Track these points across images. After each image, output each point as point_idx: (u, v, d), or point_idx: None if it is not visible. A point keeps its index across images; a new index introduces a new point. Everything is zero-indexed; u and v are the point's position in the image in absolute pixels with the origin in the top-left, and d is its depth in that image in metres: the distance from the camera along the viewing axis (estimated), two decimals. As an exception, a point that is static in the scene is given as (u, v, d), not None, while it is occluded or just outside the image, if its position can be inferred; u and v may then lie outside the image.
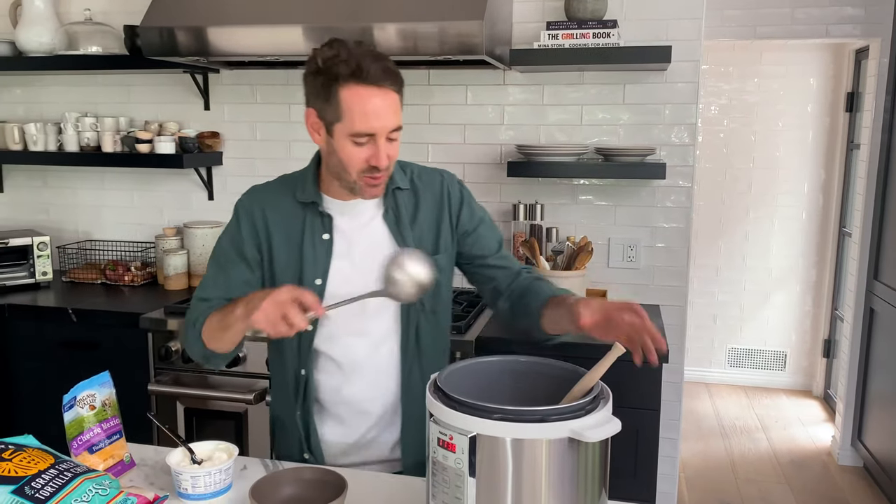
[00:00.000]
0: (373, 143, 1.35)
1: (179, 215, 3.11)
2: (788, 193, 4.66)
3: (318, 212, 1.48)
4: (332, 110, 1.35)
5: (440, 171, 1.59)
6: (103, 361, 2.19)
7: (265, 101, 2.96)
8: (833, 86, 4.49)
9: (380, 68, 1.32)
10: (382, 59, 1.34)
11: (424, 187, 1.54)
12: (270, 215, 1.50)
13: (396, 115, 1.37)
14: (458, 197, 1.56)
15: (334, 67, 1.33)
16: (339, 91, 1.33)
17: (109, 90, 3.11)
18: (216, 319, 1.39)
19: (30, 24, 2.88)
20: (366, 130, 1.33)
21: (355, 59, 1.31)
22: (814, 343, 4.73)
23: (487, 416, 1.01)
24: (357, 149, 1.36)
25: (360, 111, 1.32)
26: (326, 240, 1.47)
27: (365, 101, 1.32)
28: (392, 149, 1.38)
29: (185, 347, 1.52)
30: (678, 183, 2.65)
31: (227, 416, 2.42)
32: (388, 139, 1.37)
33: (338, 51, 1.34)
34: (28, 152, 2.99)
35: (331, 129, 1.38)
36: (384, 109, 1.34)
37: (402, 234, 1.49)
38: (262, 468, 1.44)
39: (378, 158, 1.35)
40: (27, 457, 1.15)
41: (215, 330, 1.40)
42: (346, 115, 1.33)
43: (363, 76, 1.31)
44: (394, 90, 1.35)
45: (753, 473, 3.64)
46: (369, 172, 1.38)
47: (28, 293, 2.81)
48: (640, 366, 1.27)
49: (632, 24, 2.58)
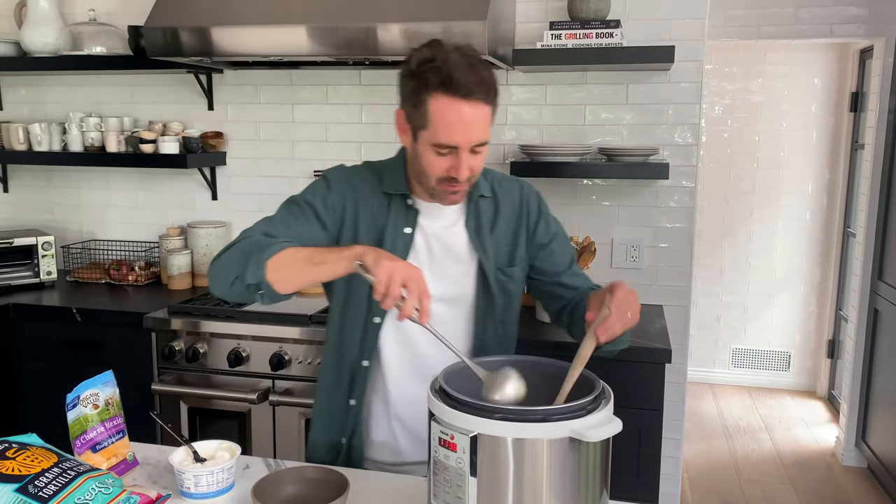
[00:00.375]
0: (455, 154, 1.33)
1: (183, 215, 3.12)
2: (792, 193, 4.65)
3: (406, 205, 1.47)
4: (419, 116, 1.33)
5: (520, 181, 1.58)
6: (107, 361, 2.20)
7: (269, 102, 2.96)
8: (837, 86, 4.48)
9: (473, 80, 1.28)
10: (477, 70, 1.30)
11: (504, 196, 1.53)
12: (361, 198, 1.48)
13: (483, 129, 1.33)
14: (535, 209, 1.55)
15: (425, 73, 1.30)
16: (427, 99, 1.30)
17: (114, 90, 3.12)
18: (309, 252, 1.33)
19: (34, 25, 2.89)
20: (449, 143, 1.31)
21: (448, 67, 1.27)
22: (818, 343, 4.72)
23: (488, 415, 1.01)
24: (439, 158, 1.34)
25: (445, 123, 1.30)
26: (408, 234, 1.47)
27: (451, 114, 1.29)
28: (476, 161, 1.36)
29: (224, 272, 1.37)
30: (681, 183, 2.65)
31: (230, 416, 2.43)
32: (472, 152, 1.34)
33: (434, 55, 1.30)
34: (33, 152, 3.00)
35: (416, 134, 1.36)
36: (471, 123, 1.30)
37: (481, 243, 1.49)
38: (265, 467, 1.44)
39: (458, 171, 1.34)
40: (31, 455, 1.16)
41: (299, 261, 1.32)
42: (432, 125, 1.31)
43: (453, 87, 1.27)
44: (485, 103, 1.31)
45: (757, 474, 3.63)
46: (448, 182, 1.36)
47: (32, 293, 2.82)
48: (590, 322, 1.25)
49: (635, 23, 2.57)
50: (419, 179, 1.42)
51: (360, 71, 2.84)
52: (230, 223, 3.05)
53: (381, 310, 1.45)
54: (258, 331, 2.38)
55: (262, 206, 2.99)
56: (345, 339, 1.52)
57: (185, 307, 2.50)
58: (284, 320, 2.38)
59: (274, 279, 1.31)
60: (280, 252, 1.32)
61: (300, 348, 2.35)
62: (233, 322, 2.41)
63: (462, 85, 1.27)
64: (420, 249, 1.48)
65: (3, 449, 1.16)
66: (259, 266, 1.31)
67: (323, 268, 1.29)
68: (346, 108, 2.89)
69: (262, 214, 1.48)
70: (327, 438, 1.57)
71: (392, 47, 2.29)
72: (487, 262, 1.49)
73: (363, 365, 1.50)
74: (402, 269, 1.20)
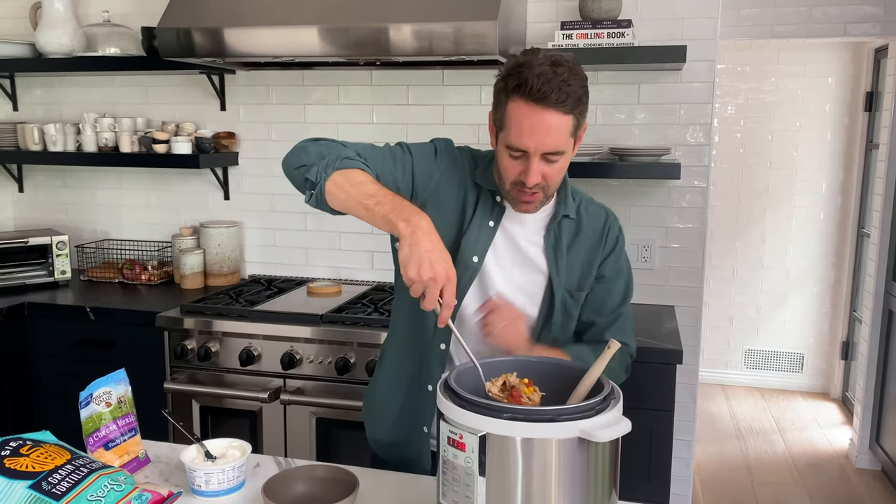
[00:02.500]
0: (526, 158, 1.34)
1: (196, 215, 3.14)
2: (806, 194, 4.61)
3: (494, 201, 1.48)
4: (500, 118, 1.37)
5: (606, 210, 1.57)
6: (120, 359, 2.22)
7: (281, 102, 2.98)
8: (852, 85, 4.44)
9: (551, 88, 1.28)
10: (561, 80, 1.29)
11: (588, 221, 1.53)
12: (455, 179, 1.49)
13: (557, 139, 1.32)
14: (613, 241, 1.55)
15: (510, 77, 1.32)
16: (507, 101, 1.33)
17: (127, 91, 3.15)
18: (371, 189, 1.32)
19: (49, 26, 2.92)
20: (518, 146, 1.33)
21: (529, 73, 1.29)
22: (831, 345, 4.68)
23: (497, 415, 1.01)
24: (511, 161, 1.36)
25: (517, 126, 1.32)
26: (491, 227, 1.48)
27: (523, 118, 1.31)
28: (550, 170, 1.35)
29: (299, 155, 1.40)
30: (693, 183, 2.63)
31: (241, 415, 2.44)
32: (546, 160, 1.34)
33: (524, 60, 1.32)
34: (47, 152, 3.03)
35: (498, 135, 1.39)
36: (542, 130, 1.31)
37: (556, 260, 1.49)
38: (275, 466, 1.45)
39: (527, 176, 1.34)
40: (44, 452, 1.17)
41: (357, 192, 1.31)
42: (507, 127, 1.34)
43: (528, 92, 1.29)
44: (563, 112, 1.30)
45: (769, 476, 3.61)
46: (519, 186, 1.37)
47: (47, 292, 2.84)
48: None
49: (646, 23, 2.57)
50: (499, 182, 1.44)
51: (371, 71, 2.85)
52: (242, 223, 3.07)
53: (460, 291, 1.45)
54: (270, 330, 2.39)
55: (273, 206, 3.01)
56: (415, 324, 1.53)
57: (197, 306, 2.52)
58: (296, 320, 2.39)
59: (330, 189, 1.34)
60: (352, 170, 1.35)
61: (311, 348, 2.36)
62: (245, 321, 2.42)
63: (537, 90, 1.28)
64: (496, 246, 1.49)
65: (17, 446, 1.17)
66: (326, 170, 1.35)
67: (368, 214, 1.30)
68: (358, 108, 2.90)
69: (274, 214, 1.49)
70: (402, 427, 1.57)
71: (403, 48, 2.29)
72: (557, 280, 1.49)
73: (440, 349, 1.50)
74: (427, 270, 1.20)
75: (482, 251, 1.46)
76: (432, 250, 1.21)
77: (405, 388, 1.56)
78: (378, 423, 1.62)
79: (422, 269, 1.19)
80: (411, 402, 1.55)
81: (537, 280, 1.49)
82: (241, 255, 3.08)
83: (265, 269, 3.10)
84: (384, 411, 1.60)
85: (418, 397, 1.54)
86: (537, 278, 1.49)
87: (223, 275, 2.95)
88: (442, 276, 1.20)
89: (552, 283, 1.48)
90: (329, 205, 1.36)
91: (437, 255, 1.21)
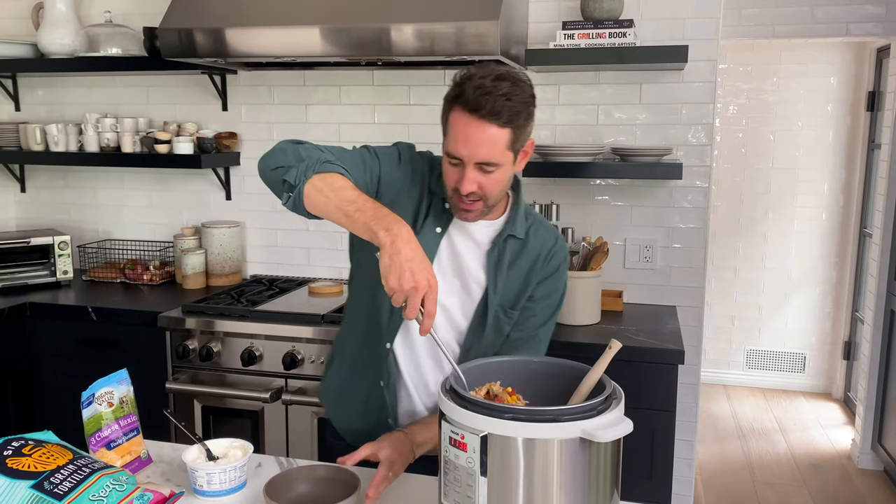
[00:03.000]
0: (462, 167, 1.38)
1: (197, 215, 3.14)
2: (808, 194, 4.61)
3: (444, 208, 1.50)
4: (444, 125, 1.41)
5: (556, 235, 1.58)
6: (122, 359, 2.22)
7: (282, 102, 2.98)
8: (854, 85, 4.44)
9: (486, 101, 1.31)
10: (499, 95, 1.32)
11: (535, 242, 1.54)
12: (413, 184, 1.51)
13: (489, 149, 1.35)
14: (554, 267, 1.55)
15: (453, 88, 1.38)
16: (449, 110, 1.38)
17: (129, 91, 3.15)
18: (350, 196, 1.30)
19: (51, 27, 2.92)
20: (454, 154, 1.37)
21: (469, 85, 1.33)
22: (834, 345, 4.68)
23: (499, 415, 1.01)
24: (451, 168, 1.40)
25: (453, 134, 1.37)
26: (438, 233, 1.50)
27: (459, 127, 1.35)
28: (486, 180, 1.38)
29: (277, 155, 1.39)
30: (695, 183, 2.63)
31: (243, 415, 2.44)
32: (481, 170, 1.37)
33: (471, 74, 1.36)
34: (49, 153, 3.03)
35: (443, 142, 1.42)
36: (475, 140, 1.34)
37: (496, 277, 1.50)
38: (277, 466, 1.45)
39: (462, 183, 1.37)
40: (46, 452, 1.17)
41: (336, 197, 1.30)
42: (447, 134, 1.39)
43: (465, 102, 1.34)
44: (497, 125, 1.33)
45: (771, 476, 3.61)
46: (457, 195, 1.40)
47: (49, 292, 2.85)
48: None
49: (648, 23, 2.57)
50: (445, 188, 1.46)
51: (372, 71, 2.85)
52: (244, 223, 3.07)
53: None
54: (271, 330, 2.39)
55: (275, 206, 3.01)
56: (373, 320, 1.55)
57: (199, 306, 2.52)
58: (297, 320, 2.39)
59: (309, 193, 1.32)
60: (332, 175, 1.34)
61: (313, 348, 2.36)
62: (246, 321, 2.42)
63: (472, 102, 1.32)
64: (443, 254, 1.51)
65: (20, 446, 1.17)
66: (306, 173, 1.33)
67: (347, 220, 1.28)
68: (359, 108, 2.90)
69: (276, 214, 1.50)
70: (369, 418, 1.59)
71: (405, 48, 2.29)
72: (494, 297, 1.51)
73: (386, 347, 1.53)
74: (408, 280, 1.18)
75: (429, 256, 1.45)
76: (412, 259, 1.19)
77: (368, 385, 1.58)
78: (346, 411, 1.64)
79: (403, 279, 1.18)
80: (374, 396, 1.57)
81: (475, 292, 1.51)
82: (243, 255, 3.09)
83: (267, 269, 3.10)
84: (350, 401, 1.62)
85: (379, 394, 1.56)
86: (475, 290, 1.51)
87: (225, 275, 2.95)
88: (423, 285, 1.19)
89: (488, 297, 1.50)
90: (306, 208, 1.34)
91: (418, 264, 1.20)
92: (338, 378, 1.67)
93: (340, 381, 1.66)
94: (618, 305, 2.61)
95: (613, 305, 2.60)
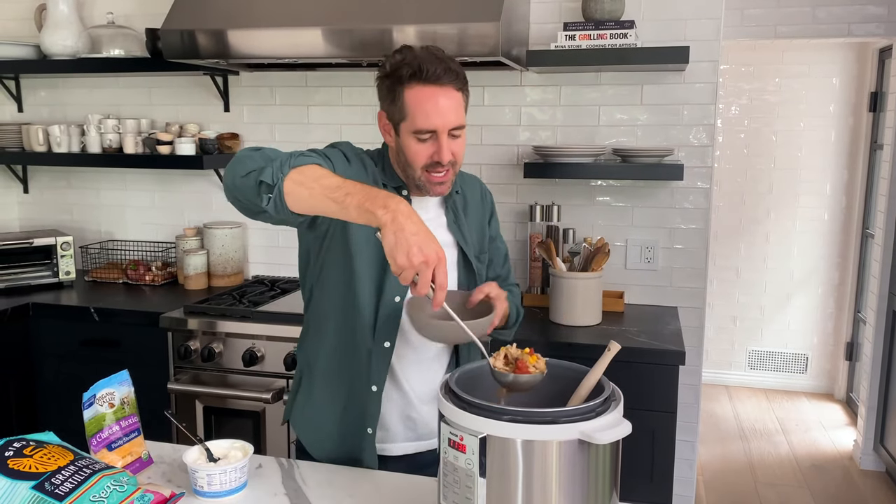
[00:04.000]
0: (435, 139, 1.42)
1: (199, 216, 3.15)
2: (810, 194, 4.60)
3: (400, 194, 1.46)
4: (398, 110, 1.43)
5: (474, 177, 1.72)
6: (124, 360, 2.23)
7: (284, 103, 2.98)
8: (856, 85, 4.43)
9: (441, 68, 1.40)
10: (445, 61, 1.42)
11: (468, 190, 1.65)
12: (368, 179, 1.49)
13: (457, 113, 1.43)
14: (490, 203, 1.71)
15: (399, 70, 1.41)
16: (403, 91, 1.41)
17: (131, 92, 3.16)
18: (336, 182, 1.23)
19: (54, 28, 2.93)
20: (427, 127, 1.41)
21: (417, 61, 1.40)
22: (836, 346, 4.67)
23: (498, 417, 1.01)
24: (421, 146, 1.43)
25: (421, 110, 1.40)
26: None
27: (425, 100, 1.40)
28: (456, 146, 1.45)
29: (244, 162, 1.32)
30: (696, 184, 2.63)
31: (244, 415, 2.45)
32: (451, 136, 1.43)
33: (404, 55, 1.42)
34: (52, 153, 3.04)
35: (398, 128, 1.45)
36: (445, 107, 1.41)
37: (461, 231, 1.58)
38: (278, 466, 1.45)
39: (440, 154, 1.42)
40: (47, 453, 1.18)
41: (321, 186, 1.23)
42: (410, 114, 1.41)
43: (423, 76, 1.39)
44: (455, 88, 1.43)
45: (773, 477, 3.60)
46: (433, 168, 1.45)
47: (51, 292, 2.86)
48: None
49: (649, 24, 2.57)
50: (406, 174, 1.49)
51: (374, 72, 2.84)
52: (246, 224, 3.07)
53: (403, 288, 1.47)
54: (273, 331, 2.39)
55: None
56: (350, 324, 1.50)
57: (200, 307, 2.53)
58: (299, 320, 2.36)
59: (290, 189, 1.24)
60: (308, 167, 1.27)
61: (314, 348, 2.37)
62: (248, 322, 2.43)
63: (431, 73, 1.39)
64: None
65: (21, 447, 1.18)
66: (282, 169, 1.26)
67: (339, 207, 1.21)
68: (361, 109, 2.90)
69: (277, 214, 1.48)
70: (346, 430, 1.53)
71: (406, 49, 2.29)
72: (468, 247, 1.58)
73: (385, 346, 1.49)
74: (417, 254, 1.14)
75: None
76: (417, 233, 1.15)
77: (345, 393, 1.53)
78: (319, 432, 1.57)
79: (412, 254, 1.13)
80: (353, 405, 1.52)
81: (451, 256, 1.55)
82: (245, 255, 3.09)
83: (268, 269, 3.10)
84: (323, 419, 1.56)
85: (361, 400, 1.51)
86: (451, 254, 1.55)
87: (227, 275, 2.95)
88: (433, 258, 1.15)
89: (463, 250, 1.57)
90: (290, 207, 1.26)
91: (424, 236, 1.16)
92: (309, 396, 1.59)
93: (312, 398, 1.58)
94: (619, 306, 2.62)
95: (614, 306, 2.60)
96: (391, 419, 1.55)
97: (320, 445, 1.58)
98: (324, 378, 1.57)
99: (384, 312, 1.49)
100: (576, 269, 2.49)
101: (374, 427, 1.51)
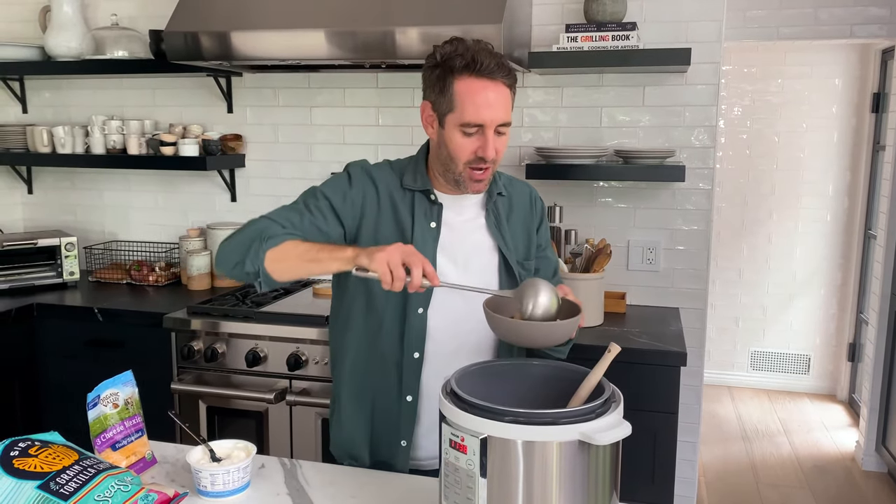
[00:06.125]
0: (481, 134, 1.41)
1: (203, 217, 3.16)
2: (813, 195, 4.60)
3: (429, 200, 1.51)
4: (445, 101, 1.42)
5: (526, 183, 1.69)
6: (128, 360, 2.23)
7: (287, 104, 2.99)
8: (859, 86, 4.43)
9: (494, 62, 1.39)
10: (497, 56, 1.42)
11: (516, 195, 1.62)
12: (382, 194, 1.52)
13: (506, 109, 1.43)
14: (540, 211, 1.66)
15: (451, 61, 1.40)
16: (453, 82, 1.40)
17: (135, 94, 3.17)
18: (305, 248, 1.39)
19: (58, 30, 2.94)
20: (476, 121, 1.40)
21: (471, 52, 1.39)
22: (838, 346, 4.67)
23: (499, 418, 1.02)
24: (466, 139, 1.42)
25: (471, 102, 1.39)
26: (434, 228, 1.51)
27: (477, 93, 1.39)
28: (500, 143, 1.44)
29: (228, 256, 1.46)
30: (698, 185, 2.64)
31: (247, 415, 2.46)
32: (496, 132, 1.42)
33: (456, 46, 1.41)
34: (56, 154, 3.06)
35: (443, 120, 1.44)
36: (495, 102, 1.40)
37: (502, 235, 1.55)
38: (280, 466, 1.46)
39: (485, 149, 1.41)
40: (52, 453, 1.19)
41: (296, 256, 1.39)
42: (459, 106, 1.40)
43: (477, 68, 1.38)
44: (506, 84, 1.42)
45: (775, 478, 3.60)
46: (475, 164, 1.44)
47: (56, 293, 2.87)
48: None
49: (651, 25, 2.57)
50: (446, 168, 1.47)
51: (377, 74, 2.86)
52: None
53: (425, 299, 1.48)
54: (276, 331, 2.40)
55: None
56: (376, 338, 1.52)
57: (204, 308, 2.54)
58: (302, 321, 2.40)
59: (272, 269, 1.40)
60: (280, 245, 1.40)
61: (317, 349, 2.38)
62: (251, 322, 2.44)
63: (485, 66, 1.38)
64: (445, 242, 1.51)
65: (26, 447, 1.19)
66: (258, 256, 1.40)
67: (316, 265, 1.38)
68: (364, 110, 2.91)
69: (281, 216, 1.50)
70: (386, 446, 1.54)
71: (409, 51, 2.30)
72: (509, 252, 1.54)
73: (415, 357, 1.50)
74: (395, 253, 1.26)
75: (432, 253, 1.49)
76: (380, 249, 1.28)
77: (371, 408, 1.54)
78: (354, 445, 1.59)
79: (391, 258, 1.25)
80: (384, 418, 1.53)
81: (491, 260, 1.54)
82: (248, 256, 3.10)
83: (271, 270, 3.11)
84: (357, 433, 1.57)
85: (394, 412, 1.52)
86: (491, 258, 1.54)
87: (230, 276, 2.96)
88: (408, 250, 1.26)
89: (505, 256, 1.54)
90: (278, 281, 1.42)
91: (391, 247, 1.28)
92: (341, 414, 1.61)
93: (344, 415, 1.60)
94: (621, 307, 2.62)
95: (616, 307, 2.61)
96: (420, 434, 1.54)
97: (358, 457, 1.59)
98: (351, 397, 1.58)
99: (413, 324, 1.49)
100: (578, 269, 2.50)
101: (408, 439, 1.52)
